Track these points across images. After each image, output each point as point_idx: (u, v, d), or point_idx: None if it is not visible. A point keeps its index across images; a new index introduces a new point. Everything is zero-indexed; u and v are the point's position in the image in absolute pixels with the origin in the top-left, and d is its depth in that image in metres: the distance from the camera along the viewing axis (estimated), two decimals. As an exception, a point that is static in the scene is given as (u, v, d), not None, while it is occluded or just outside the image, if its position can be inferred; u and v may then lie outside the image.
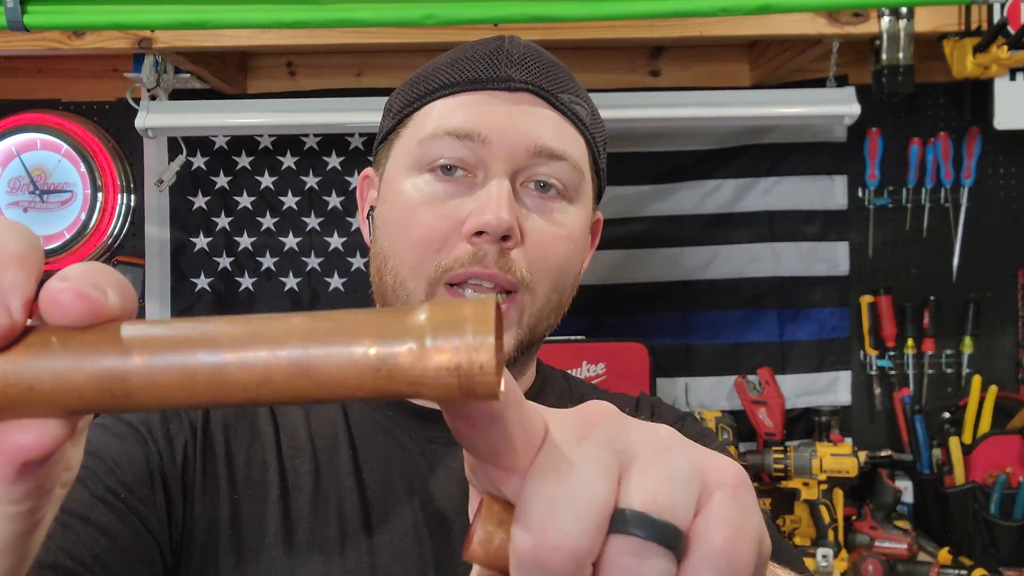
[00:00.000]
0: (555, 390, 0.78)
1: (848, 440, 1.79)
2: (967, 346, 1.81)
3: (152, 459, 0.62)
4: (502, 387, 0.25)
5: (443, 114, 0.68)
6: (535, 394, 0.76)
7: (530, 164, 0.66)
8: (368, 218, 0.76)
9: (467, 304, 0.24)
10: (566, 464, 0.27)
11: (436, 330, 0.23)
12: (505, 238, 0.64)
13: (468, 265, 0.64)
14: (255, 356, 0.24)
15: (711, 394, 1.84)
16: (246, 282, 1.80)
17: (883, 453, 1.69)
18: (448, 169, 0.66)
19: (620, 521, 0.26)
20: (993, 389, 1.72)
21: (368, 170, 0.78)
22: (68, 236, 1.74)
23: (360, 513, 0.65)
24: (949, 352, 1.83)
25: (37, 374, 0.24)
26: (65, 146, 1.73)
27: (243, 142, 1.79)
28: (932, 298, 1.81)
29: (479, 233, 0.64)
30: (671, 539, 0.26)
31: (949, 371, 1.83)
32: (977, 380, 1.74)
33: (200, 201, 1.79)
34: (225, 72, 1.71)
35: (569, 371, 0.88)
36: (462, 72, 0.69)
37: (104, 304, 0.25)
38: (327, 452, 0.68)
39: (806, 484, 1.61)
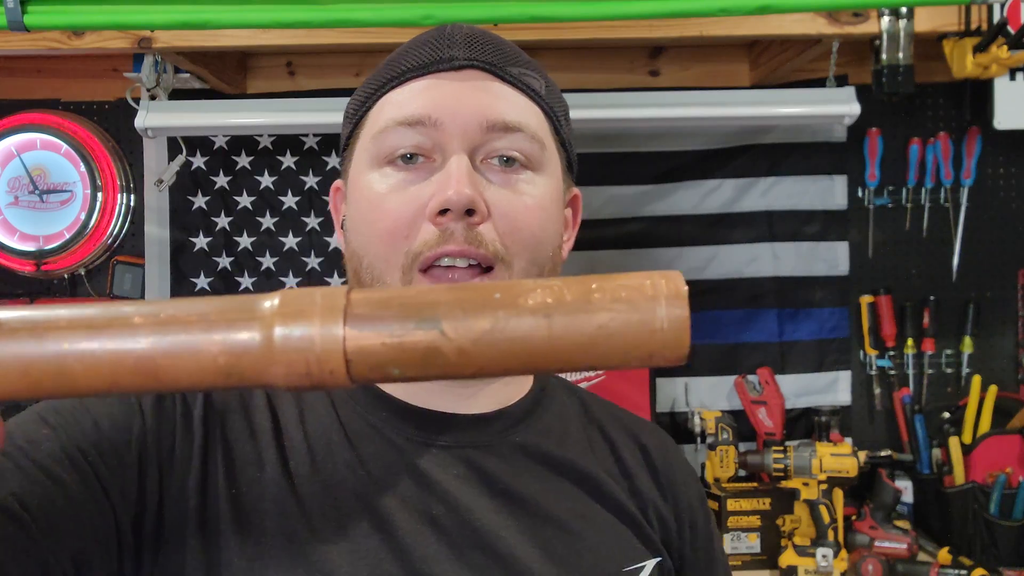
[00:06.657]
0: (556, 398, 0.76)
1: (848, 440, 1.79)
2: (967, 346, 1.81)
3: (135, 430, 0.60)
4: None
5: (393, 106, 0.67)
6: (534, 402, 0.73)
7: (486, 139, 0.65)
8: (344, 229, 0.74)
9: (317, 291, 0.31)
10: None
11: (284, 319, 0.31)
12: (470, 212, 0.62)
13: (436, 246, 0.63)
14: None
15: (711, 394, 1.84)
16: (246, 282, 1.80)
17: (883, 453, 1.69)
18: (408, 158, 0.66)
19: None
20: (993, 389, 1.72)
21: (338, 182, 0.77)
22: (68, 236, 1.74)
23: (357, 513, 0.63)
24: (949, 352, 1.83)
25: None
26: (65, 146, 1.73)
27: (243, 142, 1.79)
28: (932, 298, 1.81)
29: (443, 212, 0.62)
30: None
31: (949, 371, 1.83)
32: (977, 380, 1.74)
33: (200, 201, 1.79)
34: (225, 72, 1.70)
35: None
36: (406, 61, 0.68)
37: None
38: (323, 452, 0.66)
39: (806, 484, 1.60)
